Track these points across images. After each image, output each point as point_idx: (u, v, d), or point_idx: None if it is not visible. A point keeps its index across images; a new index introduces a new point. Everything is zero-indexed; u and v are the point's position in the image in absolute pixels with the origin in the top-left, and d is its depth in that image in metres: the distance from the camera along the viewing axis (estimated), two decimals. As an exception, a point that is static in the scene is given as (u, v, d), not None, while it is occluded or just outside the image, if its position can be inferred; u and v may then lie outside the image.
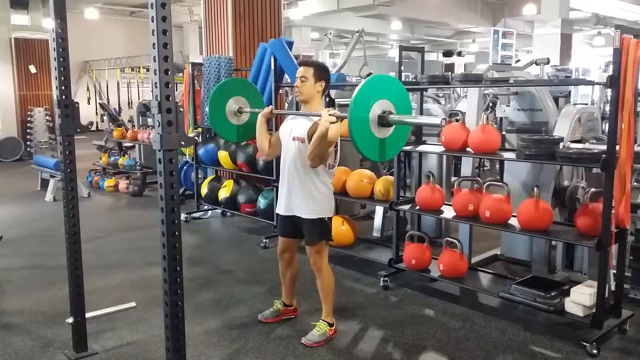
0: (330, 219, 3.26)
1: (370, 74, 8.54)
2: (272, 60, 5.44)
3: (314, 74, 3.15)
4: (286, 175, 3.22)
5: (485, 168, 8.49)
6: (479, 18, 16.48)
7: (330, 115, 2.88)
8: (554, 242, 4.18)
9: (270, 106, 3.57)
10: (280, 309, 3.56)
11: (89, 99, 17.37)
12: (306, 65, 3.19)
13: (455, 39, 21.75)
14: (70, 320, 3.04)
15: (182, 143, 2.15)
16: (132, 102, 16.44)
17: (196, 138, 5.84)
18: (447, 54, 21.89)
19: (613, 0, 13.11)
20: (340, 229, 4.63)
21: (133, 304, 3.43)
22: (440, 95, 9.35)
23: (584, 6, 13.04)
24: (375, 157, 2.80)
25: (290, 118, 3.38)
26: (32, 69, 12.55)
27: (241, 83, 4.07)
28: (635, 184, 5.93)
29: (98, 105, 14.90)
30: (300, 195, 3.17)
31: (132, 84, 16.93)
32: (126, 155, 8.62)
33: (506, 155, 3.74)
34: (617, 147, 3.00)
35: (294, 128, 3.21)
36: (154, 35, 2.04)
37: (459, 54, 21.68)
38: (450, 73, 4.97)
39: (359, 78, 7.11)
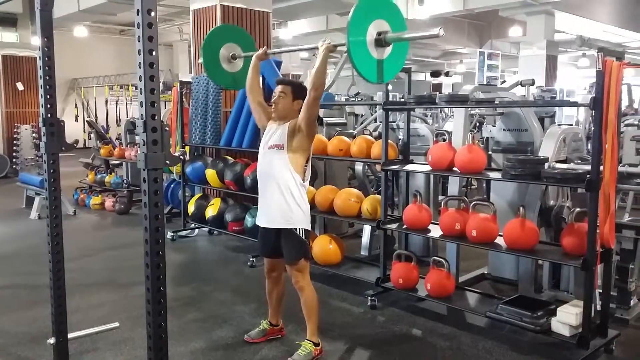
0: (307, 233, 3.26)
1: (358, 93, 8.61)
2: (261, 79, 5.46)
3: (292, 92, 3.23)
4: (264, 185, 3.25)
5: (472, 187, 8.53)
6: (466, 39, 16.72)
7: (326, 44, 3.05)
8: (540, 262, 4.19)
9: (265, 47, 3.61)
10: (266, 328, 3.52)
11: (76, 116, 17.32)
12: (284, 83, 3.29)
13: (442, 60, 22.02)
14: (52, 341, 2.98)
15: (167, 162, 2.15)
16: (120, 119, 16.41)
17: (181, 157, 5.84)
18: (435, 74, 22.05)
19: (597, 23, 13.37)
20: (328, 247, 4.61)
21: (116, 324, 3.37)
22: (428, 115, 9.43)
23: (569, 28, 13.29)
24: (374, 78, 2.83)
25: (272, 122, 3.35)
26: (20, 86, 12.50)
27: (232, 30, 4.09)
28: (620, 203, 6.02)
29: (86, 123, 14.85)
30: (277, 204, 3.18)
31: (121, 102, 16.92)
32: (113, 173, 8.56)
33: (492, 175, 3.76)
34: (602, 168, 3.03)
35: (272, 136, 3.23)
36: (140, 54, 2.05)
37: (447, 74, 21.85)
38: (437, 93, 5.02)
39: (347, 97, 7.15)
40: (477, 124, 7.55)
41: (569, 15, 12.29)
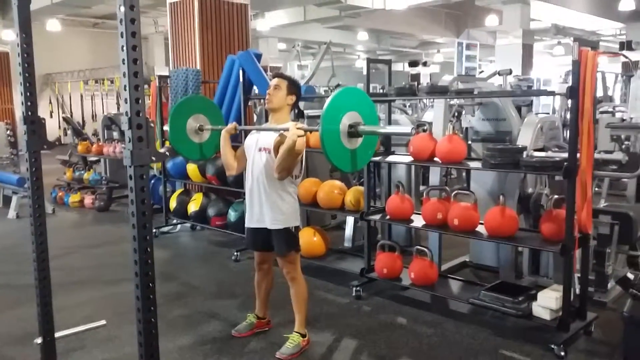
0: (297, 228, 3.28)
1: (338, 84, 8.63)
2: (241, 72, 5.45)
3: (288, 86, 3.23)
4: (252, 186, 3.24)
5: (452, 176, 8.63)
6: (442, 29, 16.85)
7: (297, 128, 2.91)
8: (520, 248, 4.28)
9: (234, 122, 3.58)
10: (254, 322, 3.55)
11: (51, 112, 17.01)
12: (281, 77, 3.27)
13: (420, 50, 22.14)
14: (39, 340, 2.96)
15: (153, 159, 2.15)
16: (96, 115, 16.18)
17: (167, 153, 5.81)
18: (413, 64, 22.16)
19: (571, 12, 13.57)
20: (312, 240, 4.65)
21: (103, 322, 3.38)
22: (407, 105, 9.49)
23: (544, 17, 13.47)
24: (347, 167, 2.85)
25: (256, 131, 3.39)
26: (-8, 82, 12.25)
27: (200, 101, 4.07)
28: (596, 189, 6.15)
29: (61, 119, 14.62)
30: (267, 206, 3.19)
31: (96, 97, 16.66)
32: (91, 170, 8.47)
33: (472, 164, 3.83)
34: (578, 155, 3.11)
35: (260, 139, 3.23)
36: (123, 50, 2.03)
37: (425, 64, 22.00)
38: (416, 83, 5.06)
39: (327, 89, 7.17)
40: (456, 114, 7.64)
41: (543, 3, 12.45)
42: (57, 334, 3.02)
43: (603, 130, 6.08)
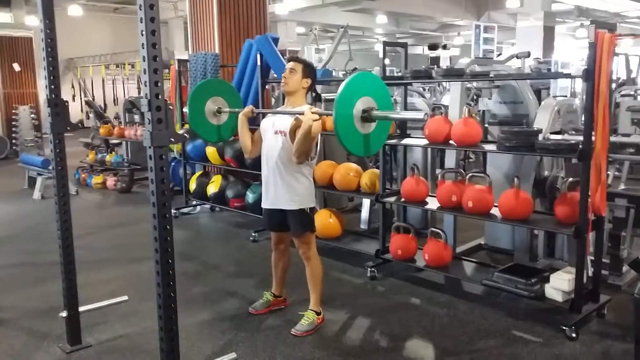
0: (312, 209, 3.35)
1: (355, 68, 8.63)
2: (259, 56, 5.50)
3: (303, 69, 3.27)
4: (269, 169, 3.31)
5: (470, 160, 8.62)
6: (463, 11, 16.65)
7: (312, 113, 2.97)
8: (535, 231, 4.30)
9: (251, 106, 3.65)
10: (270, 299, 3.64)
11: (73, 96, 17.27)
12: (297, 61, 3.31)
13: (440, 32, 21.89)
14: (64, 314, 3.10)
15: (172, 140, 2.23)
16: (117, 98, 16.39)
17: (186, 135, 5.93)
18: (433, 47, 21.93)
19: (594, -7, 13.31)
20: (328, 221, 4.71)
21: (125, 297, 3.49)
22: (426, 88, 9.46)
23: (566, -1, 13.24)
24: (360, 152, 2.89)
25: (272, 114, 3.44)
26: (16, 67, 12.46)
27: (219, 84, 4.13)
28: (616, 173, 6.11)
29: (84, 103, 14.84)
30: (283, 187, 3.26)
31: (117, 81, 16.87)
32: (113, 152, 8.63)
33: (487, 147, 3.84)
34: (593, 138, 3.11)
35: (276, 122, 3.29)
36: (143, 35, 2.11)
37: (444, 47, 21.78)
38: (435, 66, 5.05)
39: (345, 72, 7.18)
40: (475, 97, 7.60)
41: (566, -15, 12.23)
42: (81, 308, 3.16)
43: (624, 114, 6.03)
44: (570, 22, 18.26)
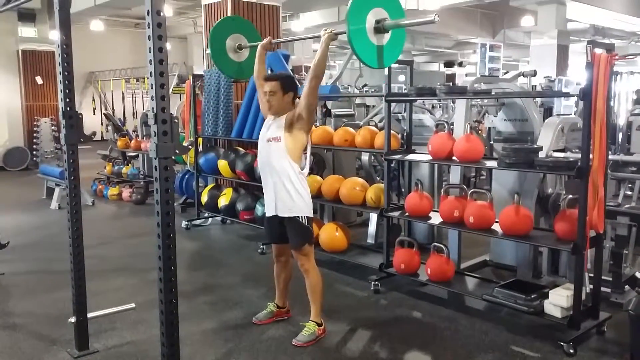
0: (310, 221, 3.43)
1: (365, 84, 8.74)
2: (269, 72, 5.63)
3: (281, 86, 3.34)
4: (265, 176, 3.43)
5: (482, 177, 8.63)
6: (478, 29, 16.72)
7: (328, 33, 3.19)
8: (540, 248, 4.32)
9: (269, 37, 3.80)
10: (274, 310, 3.72)
11: (94, 109, 17.63)
12: (270, 80, 3.38)
13: (456, 50, 21.96)
14: (73, 319, 3.21)
15: (177, 151, 2.34)
16: (136, 112, 16.70)
17: (189, 147, 6.13)
18: (449, 64, 22.04)
19: (610, 12, 13.30)
20: (334, 235, 4.79)
21: (133, 305, 3.60)
22: (438, 106, 9.52)
23: (581, 17, 13.24)
24: (375, 64, 2.99)
25: (268, 120, 3.51)
26: (39, 80, 12.81)
27: (237, 21, 4.33)
28: (628, 192, 6.08)
29: (103, 116, 15.16)
30: (279, 194, 3.37)
31: (137, 95, 17.20)
32: (130, 165, 8.83)
33: (488, 163, 3.91)
34: (591, 156, 3.16)
35: (267, 132, 3.40)
36: (150, 52, 2.23)
37: (460, 64, 21.86)
38: (451, 83, 5.12)
39: (355, 88, 7.29)
40: (485, 114, 7.65)
41: (581, 4, 12.25)
42: (89, 315, 3.27)
43: (635, 133, 6.01)
44: (586, 40, 18.23)
